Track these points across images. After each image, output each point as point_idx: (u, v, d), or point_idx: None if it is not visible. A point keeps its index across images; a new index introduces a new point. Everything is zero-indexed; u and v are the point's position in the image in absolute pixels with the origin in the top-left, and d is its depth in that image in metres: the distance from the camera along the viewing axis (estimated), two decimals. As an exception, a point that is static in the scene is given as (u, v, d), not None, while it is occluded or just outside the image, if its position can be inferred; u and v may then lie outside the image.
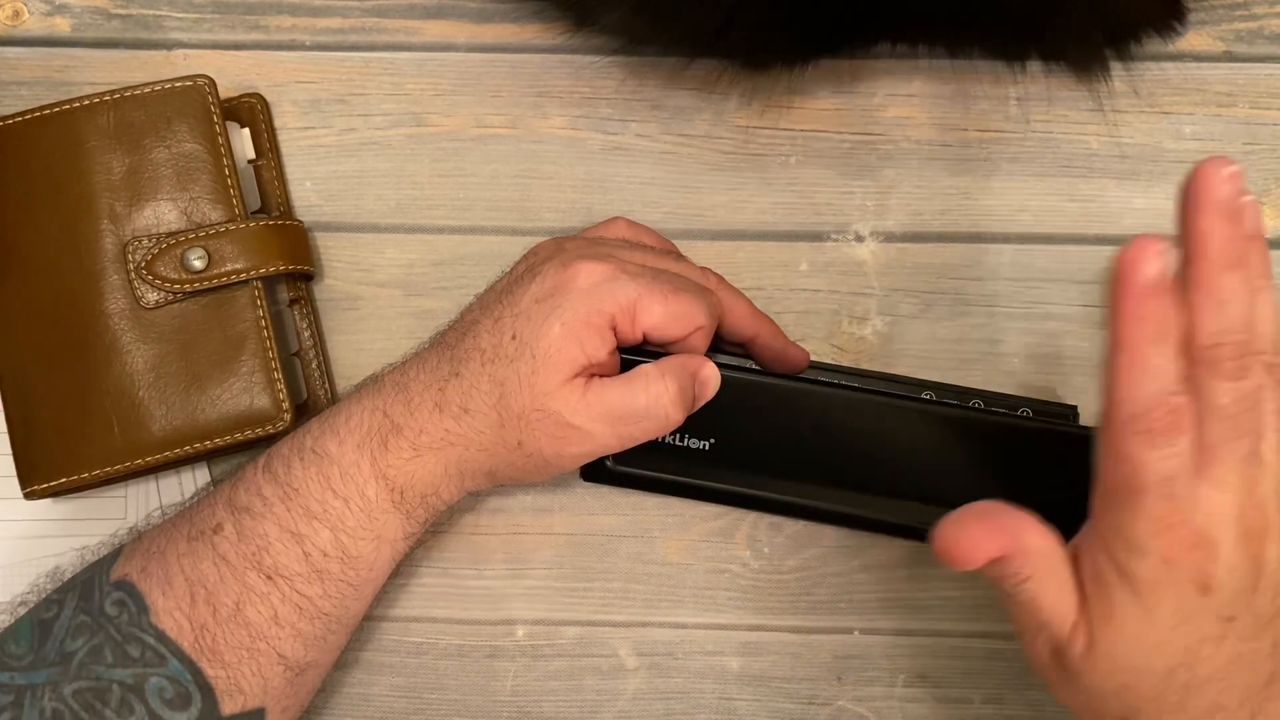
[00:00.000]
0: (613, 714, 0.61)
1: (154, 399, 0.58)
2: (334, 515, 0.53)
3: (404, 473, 0.54)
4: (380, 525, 0.54)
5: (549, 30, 0.65)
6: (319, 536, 0.53)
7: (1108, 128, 0.64)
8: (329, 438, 0.54)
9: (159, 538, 0.55)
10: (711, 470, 0.58)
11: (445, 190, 0.65)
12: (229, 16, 0.66)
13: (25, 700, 0.51)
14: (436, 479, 0.55)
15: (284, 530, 0.53)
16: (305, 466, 0.54)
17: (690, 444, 0.57)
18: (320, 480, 0.54)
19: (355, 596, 0.55)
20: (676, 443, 0.57)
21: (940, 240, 0.64)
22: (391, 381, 0.55)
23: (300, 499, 0.53)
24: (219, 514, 0.54)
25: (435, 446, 0.54)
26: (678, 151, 0.65)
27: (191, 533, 0.54)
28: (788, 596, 0.62)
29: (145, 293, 0.59)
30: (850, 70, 0.65)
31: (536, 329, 0.52)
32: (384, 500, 0.54)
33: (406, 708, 0.62)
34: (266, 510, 0.53)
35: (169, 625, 0.52)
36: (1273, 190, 0.63)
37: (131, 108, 0.60)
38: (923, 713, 0.61)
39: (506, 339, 0.53)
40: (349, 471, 0.54)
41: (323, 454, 0.54)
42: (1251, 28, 0.64)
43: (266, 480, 0.54)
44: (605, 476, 0.59)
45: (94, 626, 0.52)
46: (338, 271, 0.65)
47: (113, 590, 0.53)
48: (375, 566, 0.55)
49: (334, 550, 0.53)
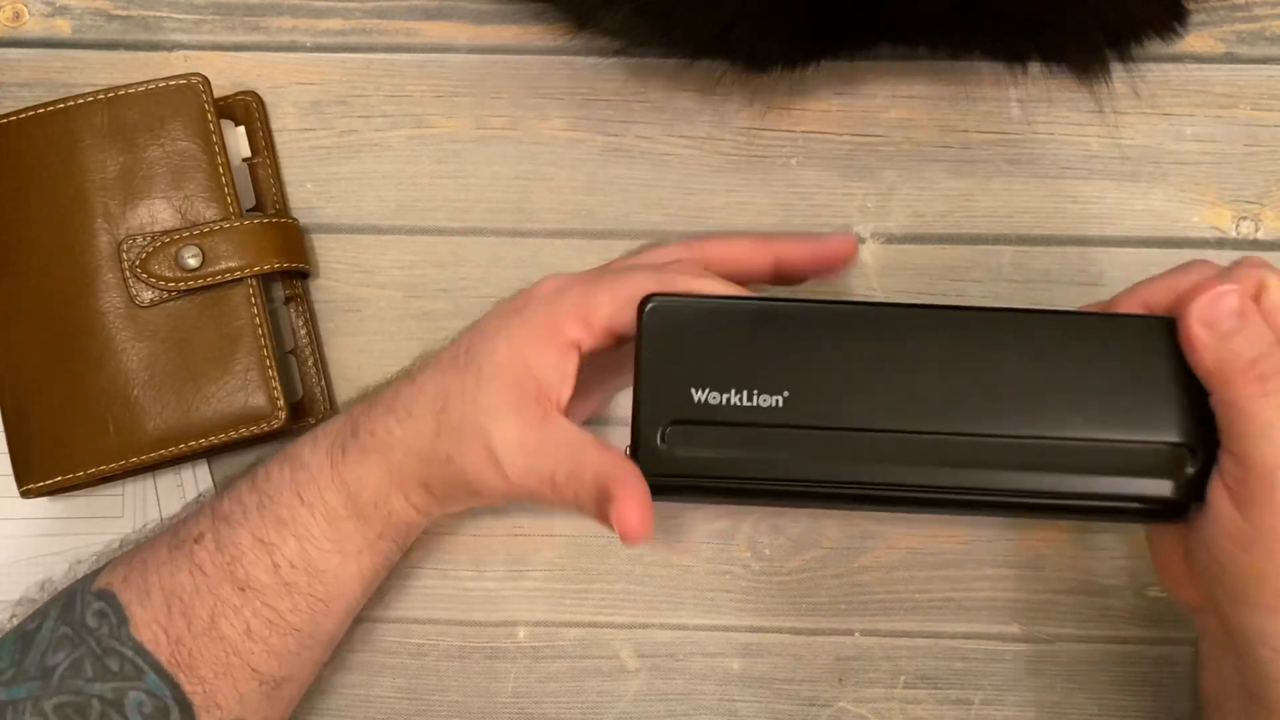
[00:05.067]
0: (614, 715, 0.61)
1: (149, 397, 0.58)
2: (301, 523, 0.53)
3: (354, 476, 0.53)
4: (342, 535, 0.54)
5: (550, 32, 0.65)
6: (287, 546, 0.53)
7: (1108, 129, 0.64)
8: (305, 442, 0.54)
9: (144, 547, 0.55)
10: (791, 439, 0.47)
11: (446, 192, 0.65)
12: (229, 18, 0.66)
13: (6, 715, 0.51)
14: (381, 484, 0.53)
15: (255, 539, 0.53)
16: (281, 471, 0.54)
17: (760, 401, 0.48)
18: (291, 486, 0.53)
19: (325, 613, 0.54)
20: (743, 402, 0.48)
21: (941, 242, 0.63)
22: (369, 398, 0.55)
23: (273, 506, 0.53)
24: (202, 523, 0.54)
25: (379, 448, 0.53)
26: (679, 153, 0.65)
27: (174, 542, 0.54)
28: (788, 598, 0.61)
29: (140, 291, 0.59)
30: (851, 72, 0.65)
31: (488, 342, 0.52)
32: (342, 507, 0.53)
33: (408, 709, 0.61)
34: (244, 518, 0.53)
35: (147, 638, 0.52)
36: (1274, 192, 0.63)
37: (126, 106, 0.60)
38: (923, 714, 0.60)
39: (461, 351, 0.53)
40: (315, 476, 0.53)
41: (296, 459, 0.54)
42: (1253, 29, 0.64)
43: (247, 487, 0.54)
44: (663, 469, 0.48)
45: (75, 639, 0.52)
46: (338, 273, 0.64)
47: (94, 600, 0.53)
48: (341, 581, 0.54)
49: (300, 561, 0.53)
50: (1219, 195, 0.63)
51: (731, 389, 0.48)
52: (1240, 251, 0.62)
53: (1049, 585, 0.61)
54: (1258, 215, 0.63)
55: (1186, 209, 0.63)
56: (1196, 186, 0.63)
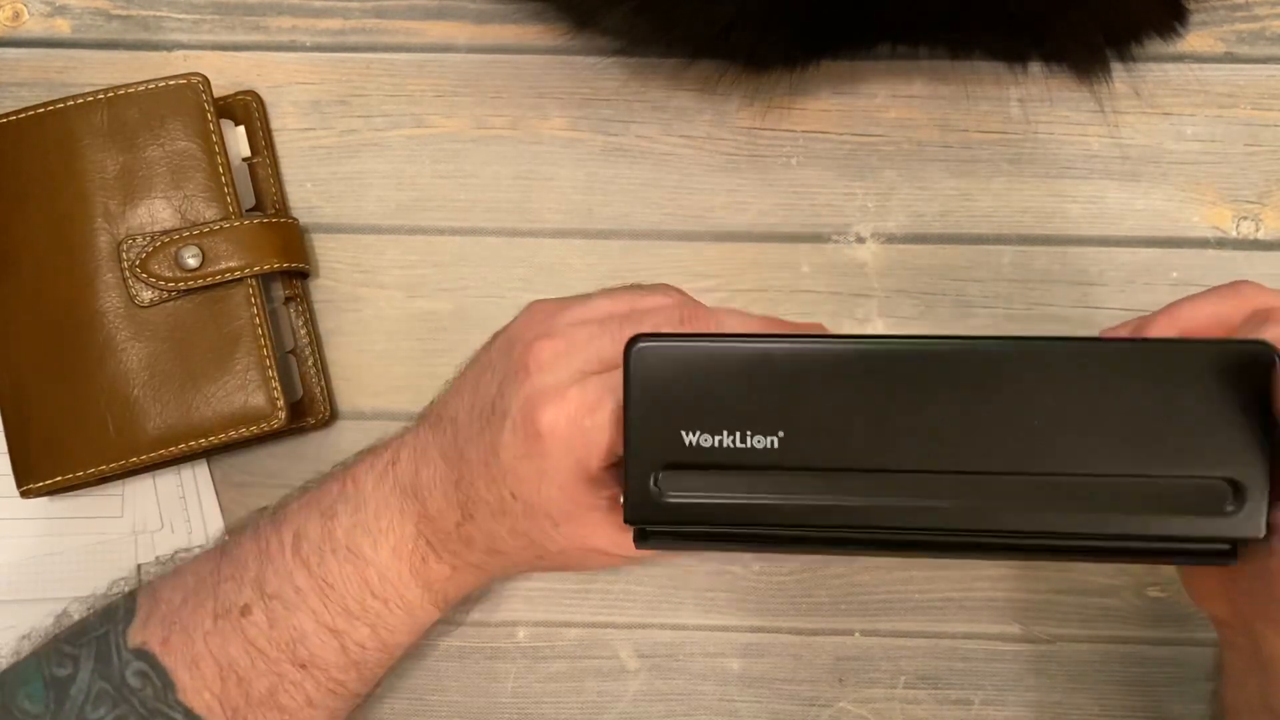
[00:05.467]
0: (614, 715, 0.61)
1: (149, 397, 0.58)
2: (373, 614, 0.53)
3: (449, 584, 0.54)
4: (422, 622, 0.55)
5: (550, 31, 0.65)
6: (358, 633, 0.53)
7: (1109, 129, 0.64)
8: (361, 536, 0.52)
9: (180, 609, 0.53)
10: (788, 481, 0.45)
11: (446, 191, 0.65)
12: (229, 18, 0.66)
13: None
14: (481, 584, 0.57)
15: (321, 625, 0.52)
16: (340, 564, 0.52)
17: (754, 443, 0.45)
18: (359, 581, 0.52)
19: (385, 673, 0.57)
20: (736, 443, 0.45)
21: (941, 241, 0.63)
22: (407, 484, 0.53)
23: (337, 596, 0.52)
24: (246, 594, 0.53)
25: (475, 568, 0.54)
26: (679, 153, 0.65)
27: (217, 609, 0.52)
28: (788, 598, 0.61)
29: (140, 291, 0.59)
30: (851, 71, 0.65)
31: (534, 493, 0.49)
32: (427, 603, 0.54)
33: (408, 709, 0.61)
34: (301, 602, 0.52)
35: (198, 704, 0.51)
36: (1274, 192, 0.63)
37: (125, 106, 0.60)
38: (923, 714, 0.60)
39: (507, 497, 0.50)
40: (387, 576, 0.53)
41: (358, 554, 0.52)
42: (1253, 29, 0.64)
43: (298, 567, 0.53)
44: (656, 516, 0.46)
45: (116, 697, 0.52)
46: (338, 273, 0.64)
47: (133, 659, 0.52)
48: (408, 647, 0.56)
49: (373, 644, 0.54)
50: (1219, 195, 0.63)
51: (724, 430, 0.45)
52: (1240, 252, 0.62)
53: (1049, 585, 0.60)
54: (1258, 215, 0.63)
55: (1187, 209, 0.63)
56: (1197, 186, 0.63)
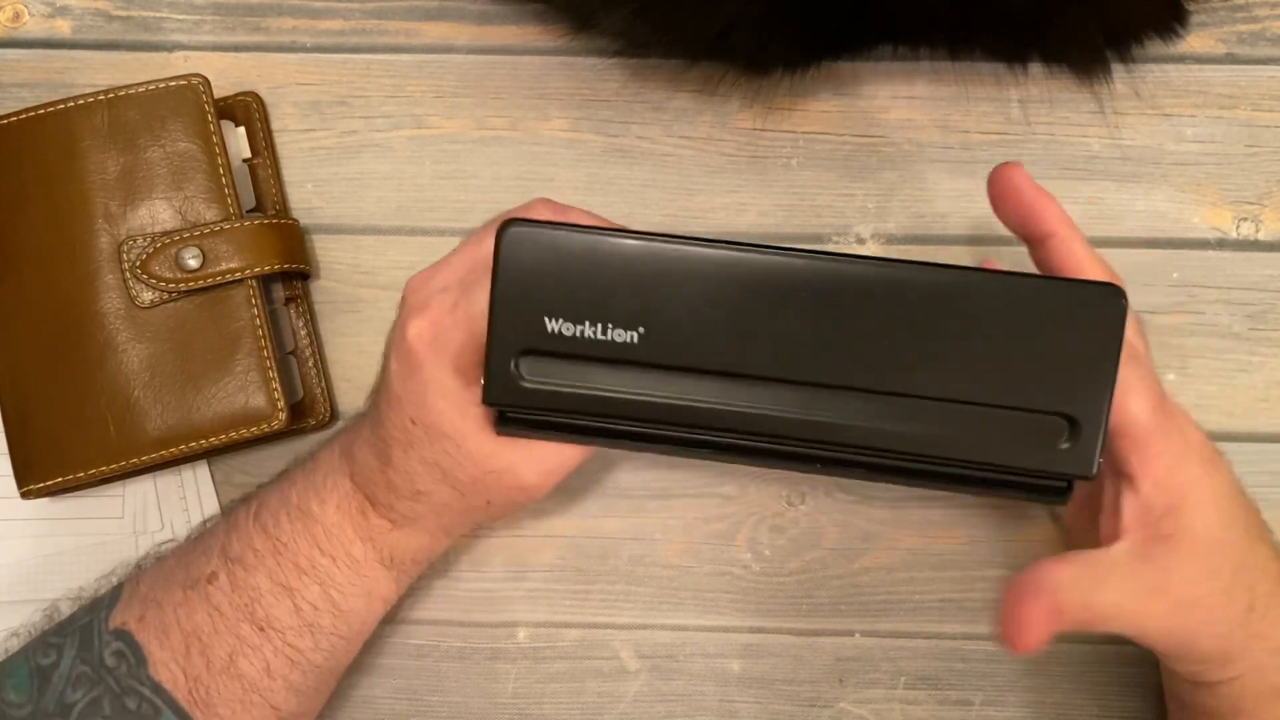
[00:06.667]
0: (614, 716, 0.61)
1: (149, 398, 0.58)
2: (322, 572, 0.54)
3: (388, 541, 0.54)
4: (370, 582, 0.55)
5: (550, 32, 0.65)
6: (309, 590, 0.53)
7: (1109, 130, 0.64)
8: (311, 496, 0.54)
9: (156, 585, 0.54)
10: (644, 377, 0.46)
11: (446, 192, 0.65)
12: (229, 18, 0.66)
13: None
14: (424, 543, 0.55)
15: (275, 583, 0.53)
16: (292, 523, 0.54)
17: (614, 335, 0.46)
18: (307, 538, 0.54)
19: (346, 649, 0.56)
20: (597, 335, 0.46)
21: (941, 242, 0.63)
22: (346, 446, 0.55)
23: (289, 554, 0.53)
24: (213, 562, 0.54)
25: (410, 520, 0.54)
26: (679, 154, 0.65)
27: (187, 580, 0.54)
28: (789, 599, 0.61)
29: (140, 292, 0.59)
30: (851, 73, 0.65)
31: (425, 411, 0.50)
32: (371, 559, 0.54)
33: (408, 710, 0.61)
34: (258, 563, 0.53)
35: (165, 677, 0.52)
36: (1274, 193, 0.63)
37: (126, 107, 0.60)
38: (924, 715, 0.60)
39: (408, 424, 0.51)
40: (332, 532, 0.54)
41: (307, 512, 0.54)
42: (1253, 30, 0.64)
43: (257, 532, 0.54)
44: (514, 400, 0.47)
45: (94, 678, 0.52)
46: (339, 274, 0.64)
47: (112, 640, 0.53)
48: (366, 620, 0.56)
49: (324, 604, 0.54)
50: (1219, 196, 0.63)
51: (586, 320, 0.46)
52: (1241, 252, 0.62)
53: (1049, 586, 0.60)
54: (1258, 216, 0.63)
55: (1187, 209, 0.63)
56: (1197, 187, 0.63)
